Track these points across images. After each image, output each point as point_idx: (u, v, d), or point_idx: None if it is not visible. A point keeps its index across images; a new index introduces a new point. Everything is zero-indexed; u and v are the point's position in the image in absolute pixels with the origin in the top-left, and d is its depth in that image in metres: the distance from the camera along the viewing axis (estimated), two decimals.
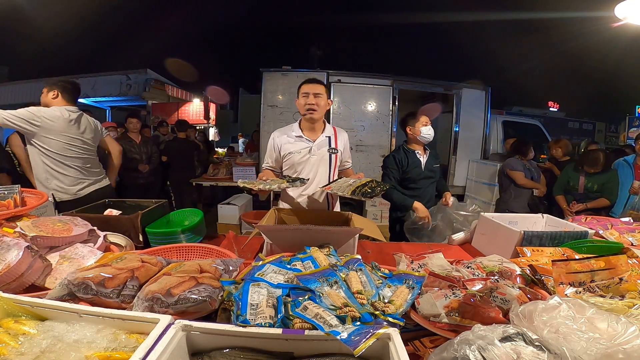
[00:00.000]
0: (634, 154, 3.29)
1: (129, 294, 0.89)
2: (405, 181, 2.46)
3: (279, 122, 4.41)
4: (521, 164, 3.70)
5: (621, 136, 8.11)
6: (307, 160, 1.92)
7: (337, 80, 4.50)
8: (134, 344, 0.70)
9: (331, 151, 1.93)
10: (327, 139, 1.95)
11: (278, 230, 1.37)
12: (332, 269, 0.92)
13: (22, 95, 6.44)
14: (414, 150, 2.45)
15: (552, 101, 12.88)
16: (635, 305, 0.84)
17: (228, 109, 13.65)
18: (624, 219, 1.79)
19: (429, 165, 2.46)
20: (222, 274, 1.00)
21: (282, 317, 0.74)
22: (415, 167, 2.43)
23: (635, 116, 8.40)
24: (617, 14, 3.15)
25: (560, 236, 1.46)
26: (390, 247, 1.66)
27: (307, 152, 1.91)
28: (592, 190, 3.19)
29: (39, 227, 1.17)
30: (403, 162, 2.43)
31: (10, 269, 0.94)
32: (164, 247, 1.34)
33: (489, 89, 5.08)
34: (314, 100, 1.83)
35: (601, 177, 3.18)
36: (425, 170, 2.44)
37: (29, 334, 0.72)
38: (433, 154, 2.52)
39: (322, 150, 1.93)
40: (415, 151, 2.45)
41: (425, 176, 2.45)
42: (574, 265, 1.01)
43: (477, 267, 1.14)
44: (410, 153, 2.45)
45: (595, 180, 3.18)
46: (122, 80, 6.24)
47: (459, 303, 0.83)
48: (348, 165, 2.13)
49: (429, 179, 2.47)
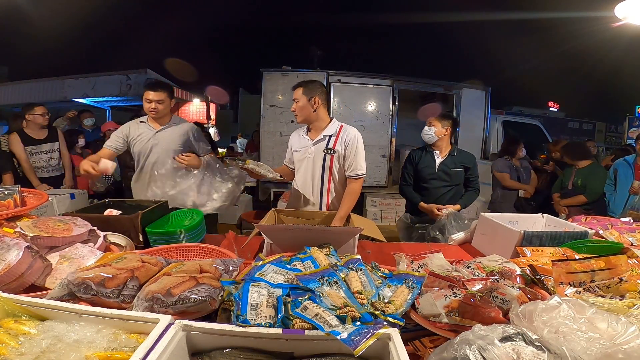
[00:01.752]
0: (634, 153, 3.30)
1: (129, 294, 0.89)
2: (417, 178, 2.49)
3: (279, 122, 4.42)
4: (508, 164, 3.71)
5: (622, 136, 8.11)
6: (304, 159, 1.98)
7: (337, 80, 4.50)
8: (134, 344, 0.70)
9: (327, 151, 1.92)
10: (326, 138, 1.93)
11: (278, 230, 1.37)
12: (332, 269, 0.92)
13: (22, 95, 6.43)
14: (433, 150, 2.45)
15: (552, 101, 12.88)
16: (635, 305, 0.84)
17: (228, 109, 13.64)
18: (624, 219, 1.79)
19: (444, 166, 2.40)
20: (222, 274, 1.00)
21: (282, 317, 0.74)
22: (426, 166, 2.42)
23: (635, 116, 8.40)
24: (617, 14, 3.15)
25: (560, 236, 1.46)
26: (390, 247, 1.66)
27: (306, 151, 1.97)
28: (577, 185, 3.22)
29: (39, 227, 1.17)
30: (416, 159, 2.48)
31: (10, 269, 0.94)
32: (164, 247, 1.34)
33: (489, 89, 5.09)
34: (294, 107, 1.94)
35: (586, 171, 3.26)
36: (439, 171, 2.40)
37: (29, 334, 0.72)
38: (458, 158, 2.42)
39: (317, 150, 1.94)
40: (433, 151, 2.44)
41: (438, 177, 2.40)
42: (574, 265, 1.01)
43: (477, 267, 1.14)
44: (427, 152, 2.46)
45: (580, 175, 3.24)
46: (122, 80, 6.23)
47: (459, 303, 0.83)
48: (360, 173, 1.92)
49: (441, 180, 2.40)
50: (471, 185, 2.46)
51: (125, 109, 7.48)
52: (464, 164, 2.42)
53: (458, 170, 2.41)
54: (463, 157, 2.44)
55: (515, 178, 3.70)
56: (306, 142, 1.97)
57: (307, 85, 1.92)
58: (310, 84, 1.93)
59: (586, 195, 3.21)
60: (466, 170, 2.43)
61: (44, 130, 3.16)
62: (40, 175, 3.10)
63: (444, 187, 2.41)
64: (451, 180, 2.41)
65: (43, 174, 3.14)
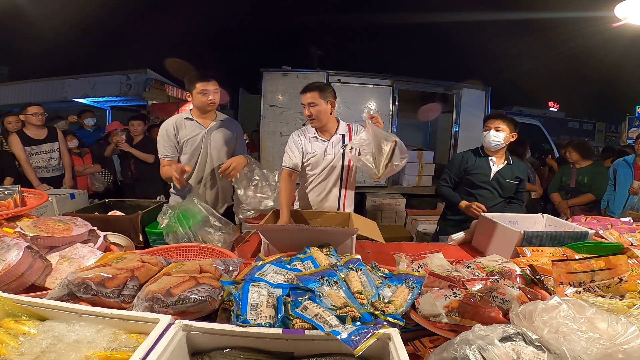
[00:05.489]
0: (634, 154, 3.30)
1: (129, 294, 0.89)
2: (465, 184, 2.25)
3: (279, 122, 4.41)
4: None
5: (622, 136, 8.11)
6: (323, 159, 1.97)
7: (337, 80, 4.49)
8: (134, 344, 0.70)
9: (344, 149, 1.95)
10: (341, 137, 1.98)
11: (275, 230, 1.37)
12: (332, 269, 0.93)
13: (22, 95, 6.43)
14: (488, 155, 2.19)
15: (552, 101, 12.89)
16: (635, 305, 0.84)
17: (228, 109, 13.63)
18: (624, 219, 1.79)
19: (500, 176, 2.16)
20: (222, 274, 1.00)
21: (282, 317, 0.74)
22: (479, 172, 2.18)
23: (635, 116, 8.40)
24: (617, 14, 3.15)
25: (560, 236, 1.46)
26: (390, 247, 1.66)
27: (323, 151, 1.96)
28: (583, 184, 3.23)
29: (39, 227, 1.17)
30: (468, 162, 2.23)
31: (10, 269, 0.94)
32: (164, 247, 1.35)
33: (489, 89, 5.08)
34: (310, 111, 1.88)
35: (589, 170, 3.25)
36: (493, 180, 2.16)
37: (29, 334, 0.72)
38: (513, 168, 2.18)
39: (337, 149, 1.96)
40: (489, 157, 2.19)
41: (491, 187, 2.17)
42: (574, 265, 1.01)
43: (477, 267, 1.14)
44: (482, 157, 2.21)
45: (585, 173, 3.25)
46: (122, 80, 6.23)
47: (459, 303, 0.83)
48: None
49: (493, 190, 2.17)
50: (518, 198, 2.24)
51: (125, 109, 7.47)
52: (519, 176, 2.20)
53: (512, 183, 2.18)
54: (517, 167, 2.21)
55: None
56: (322, 144, 1.97)
57: (322, 90, 1.88)
58: (323, 88, 1.90)
59: (594, 194, 3.20)
60: (519, 182, 2.21)
61: (43, 130, 3.16)
62: (40, 175, 3.10)
63: (494, 199, 2.19)
64: (503, 192, 2.19)
65: (43, 174, 3.14)
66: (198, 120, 1.99)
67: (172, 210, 1.47)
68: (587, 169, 3.27)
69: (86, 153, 3.83)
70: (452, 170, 2.29)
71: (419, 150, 4.78)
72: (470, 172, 2.21)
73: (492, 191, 2.18)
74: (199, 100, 1.92)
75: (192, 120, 1.98)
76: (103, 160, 3.93)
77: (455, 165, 2.29)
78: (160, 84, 6.60)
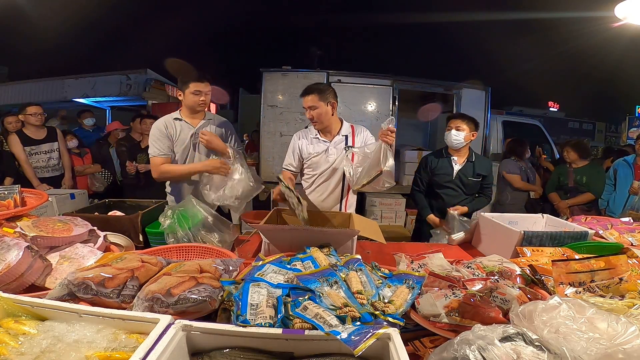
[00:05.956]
0: (634, 153, 3.30)
1: (129, 294, 0.89)
2: (432, 185, 2.35)
3: (279, 122, 4.41)
4: (517, 166, 3.67)
5: (622, 136, 8.12)
6: (325, 159, 1.98)
7: (337, 80, 4.49)
8: (134, 344, 0.70)
9: (347, 149, 1.94)
10: (344, 137, 1.98)
11: (276, 230, 1.37)
12: (332, 269, 0.93)
13: (22, 95, 6.43)
14: (451, 155, 2.30)
15: (552, 101, 12.88)
16: (635, 305, 0.84)
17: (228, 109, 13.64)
18: (624, 219, 1.79)
19: (462, 175, 2.26)
20: (222, 274, 1.00)
21: (282, 317, 0.74)
22: (443, 172, 2.29)
23: (635, 116, 8.41)
24: (617, 14, 3.15)
25: (560, 236, 1.46)
26: (390, 247, 1.66)
27: (325, 152, 1.97)
28: (581, 183, 3.23)
29: (39, 227, 1.17)
30: (432, 164, 2.34)
31: (10, 269, 0.94)
32: (164, 247, 1.34)
33: (489, 89, 5.08)
34: (311, 114, 1.89)
35: (587, 169, 3.26)
36: (456, 179, 2.26)
37: (29, 334, 0.72)
38: (476, 165, 2.27)
39: (339, 150, 1.96)
40: (451, 157, 2.29)
41: (455, 185, 2.27)
42: (574, 265, 1.01)
43: (477, 267, 1.14)
44: (444, 157, 2.31)
45: (583, 172, 3.25)
46: (122, 80, 6.23)
47: (459, 303, 0.83)
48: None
49: (457, 188, 2.27)
50: (484, 193, 2.35)
51: (125, 108, 7.48)
52: (481, 173, 2.28)
53: (475, 180, 2.27)
54: (480, 163, 2.30)
55: (524, 179, 3.67)
56: (324, 145, 1.98)
57: (321, 91, 1.86)
58: (322, 89, 1.88)
59: (593, 193, 3.21)
60: (482, 178, 2.30)
61: (42, 130, 3.16)
62: (39, 175, 3.10)
63: (459, 196, 2.29)
64: (467, 190, 2.29)
65: (43, 174, 3.14)
66: (187, 120, 1.98)
67: (172, 211, 1.48)
68: (584, 168, 3.28)
69: (86, 153, 3.82)
70: (421, 173, 2.41)
71: (419, 150, 4.77)
72: (435, 173, 2.33)
73: (456, 189, 2.29)
74: (191, 99, 1.91)
75: (181, 120, 1.97)
76: (103, 160, 3.93)
77: (422, 168, 2.41)
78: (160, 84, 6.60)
